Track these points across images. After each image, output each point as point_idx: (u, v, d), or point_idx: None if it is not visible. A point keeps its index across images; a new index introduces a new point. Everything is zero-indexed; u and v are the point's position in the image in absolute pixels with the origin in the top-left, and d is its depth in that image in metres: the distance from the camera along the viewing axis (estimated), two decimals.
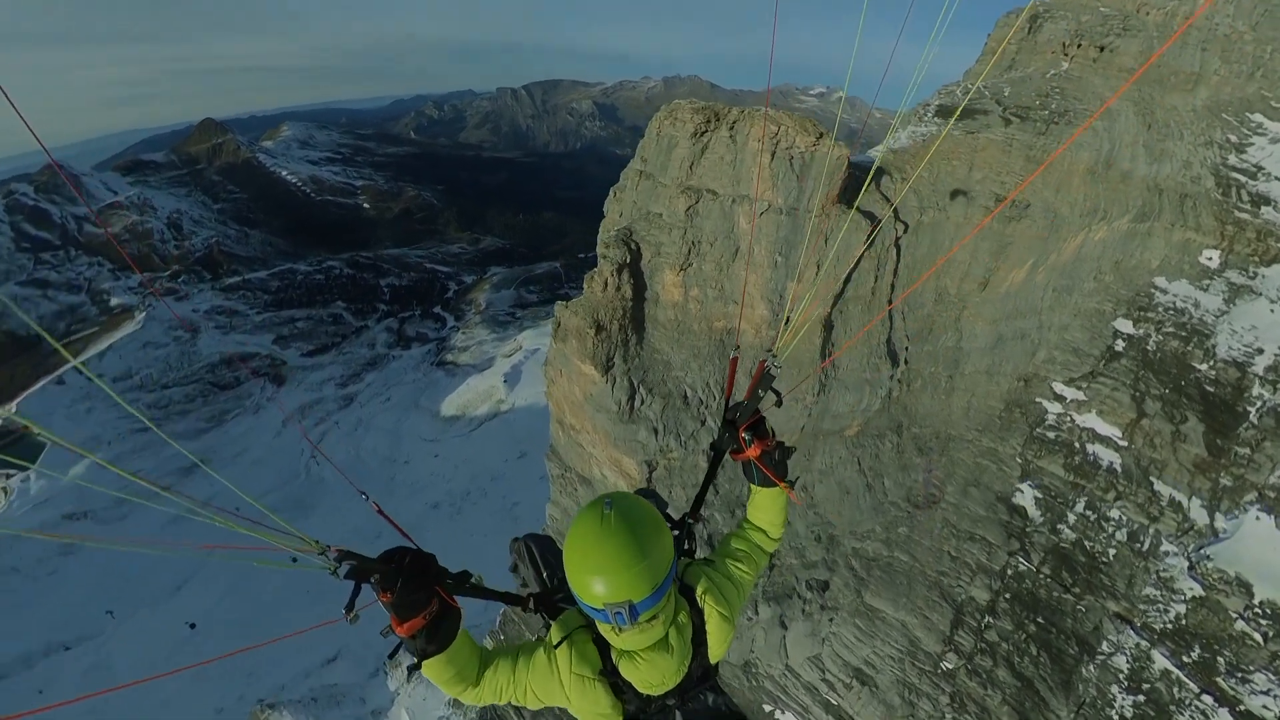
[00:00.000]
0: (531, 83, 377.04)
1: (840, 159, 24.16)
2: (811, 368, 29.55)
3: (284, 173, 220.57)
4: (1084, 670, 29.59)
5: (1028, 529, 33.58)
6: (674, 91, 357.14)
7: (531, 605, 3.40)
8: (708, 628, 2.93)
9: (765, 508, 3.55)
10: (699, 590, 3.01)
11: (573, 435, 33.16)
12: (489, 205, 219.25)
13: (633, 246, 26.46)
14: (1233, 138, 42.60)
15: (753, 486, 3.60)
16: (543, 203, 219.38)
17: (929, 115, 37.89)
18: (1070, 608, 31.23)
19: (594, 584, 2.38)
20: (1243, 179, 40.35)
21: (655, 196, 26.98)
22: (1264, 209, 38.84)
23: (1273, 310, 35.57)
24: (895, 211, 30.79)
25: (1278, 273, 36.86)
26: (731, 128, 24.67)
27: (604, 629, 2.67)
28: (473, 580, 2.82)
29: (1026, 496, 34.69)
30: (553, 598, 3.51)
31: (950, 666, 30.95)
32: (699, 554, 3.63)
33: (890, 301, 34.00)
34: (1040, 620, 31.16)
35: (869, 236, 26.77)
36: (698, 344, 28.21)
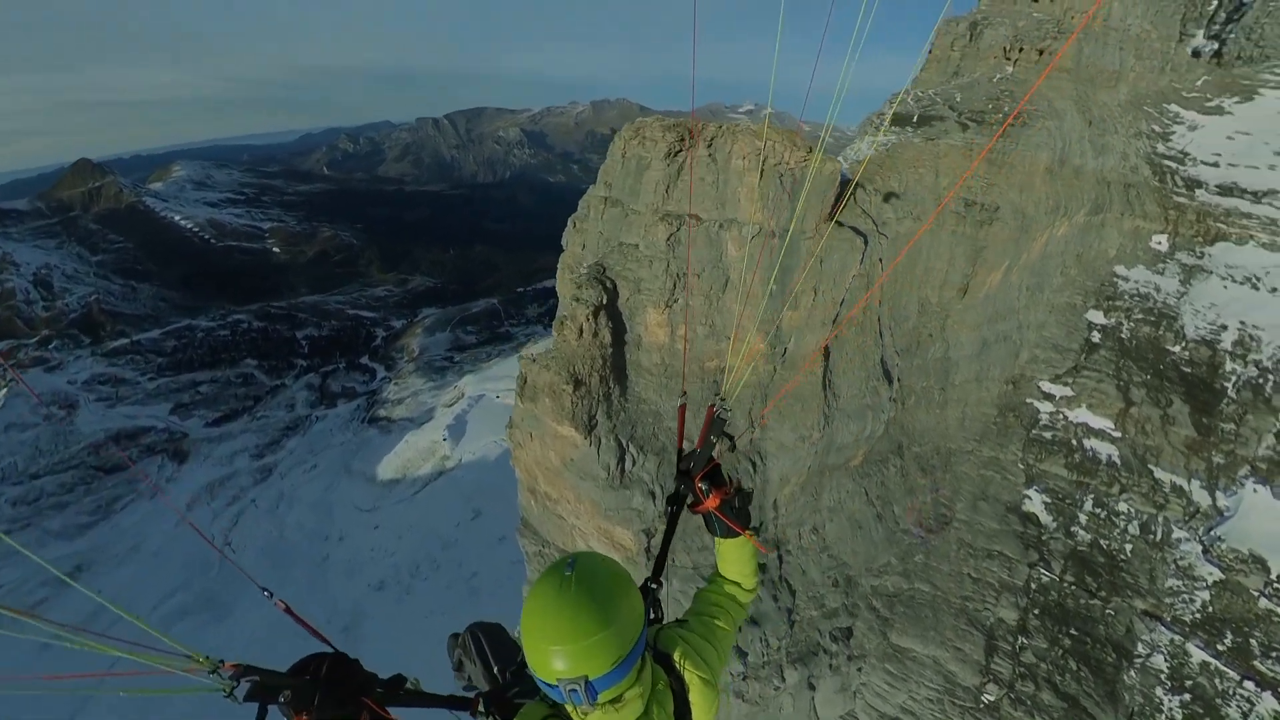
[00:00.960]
0: (454, 111, 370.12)
1: (833, 173, 22.35)
2: (815, 402, 27.47)
3: (177, 217, 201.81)
4: (1126, 677, 28.82)
5: (1043, 536, 32.95)
6: (603, 115, 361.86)
7: (480, 708, 3.05)
8: (690, 696, 2.81)
9: (733, 559, 3.45)
10: (676, 655, 2.91)
11: (549, 506, 29.26)
12: (415, 242, 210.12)
13: (608, 285, 23.43)
14: (1156, 128, 45.70)
15: (717, 540, 3.50)
16: (473, 236, 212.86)
17: (885, 124, 37.79)
18: (1100, 613, 30.62)
19: (548, 656, 2.24)
20: (1173, 165, 43.05)
21: (627, 225, 24.19)
22: (1198, 192, 41.44)
23: (1226, 287, 37.49)
24: (876, 225, 29.80)
25: (1222, 250, 39.07)
26: (710, 145, 22.37)
27: (570, 712, 2.47)
28: (408, 685, 2.73)
29: (1035, 502, 34.18)
30: (505, 694, 3.24)
31: (992, 699, 29.36)
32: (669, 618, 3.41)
33: (879, 318, 32.97)
34: (1073, 632, 30.32)
35: (864, 253, 25.16)
36: (690, 388, 25.39)
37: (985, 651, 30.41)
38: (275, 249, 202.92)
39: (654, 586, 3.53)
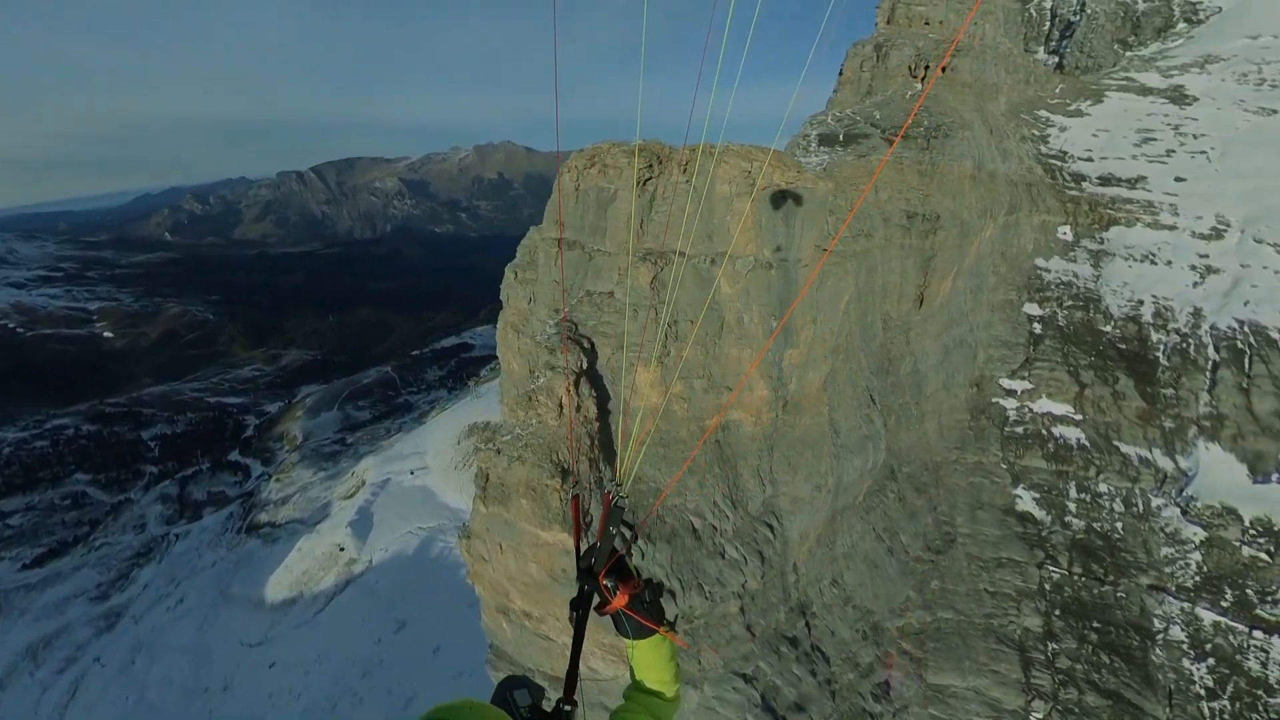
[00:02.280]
0: (322, 164, 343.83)
1: (825, 194, 20.58)
2: (824, 445, 25.28)
3: None
4: (1154, 657, 29.11)
5: (1043, 533, 33.25)
6: (488, 159, 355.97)
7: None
8: None
9: (650, 663, 3.29)
10: None
11: (530, 626, 24.08)
12: (286, 311, 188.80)
13: (586, 344, 19.65)
14: (1035, 131, 51.07)
15: (629, 644, 3.32)
16: (356, 298, 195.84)
17: (813, 145, 38.10)
18: (1112, 598, 31.06)
19: None
20: (1058, 164, 47.97)
21: (594, 270, 20.71)
22: (1084, 184, 46.26)
23: (1130, 266, 41.49)
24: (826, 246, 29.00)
25: (1117, 234, 43.46)
26: (684, 170, 19.72)
27: None
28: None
29: (1026, 500, 34.61)
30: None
31: (1040, 716, 28.47)
32: None
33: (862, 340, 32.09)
34: (1096, 624, 30.43)
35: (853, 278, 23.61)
36: (689, 452, 22.02)
37: (1022, 667, 29.62)
38: (107, 333, 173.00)
39: (568, 709, 3.15)
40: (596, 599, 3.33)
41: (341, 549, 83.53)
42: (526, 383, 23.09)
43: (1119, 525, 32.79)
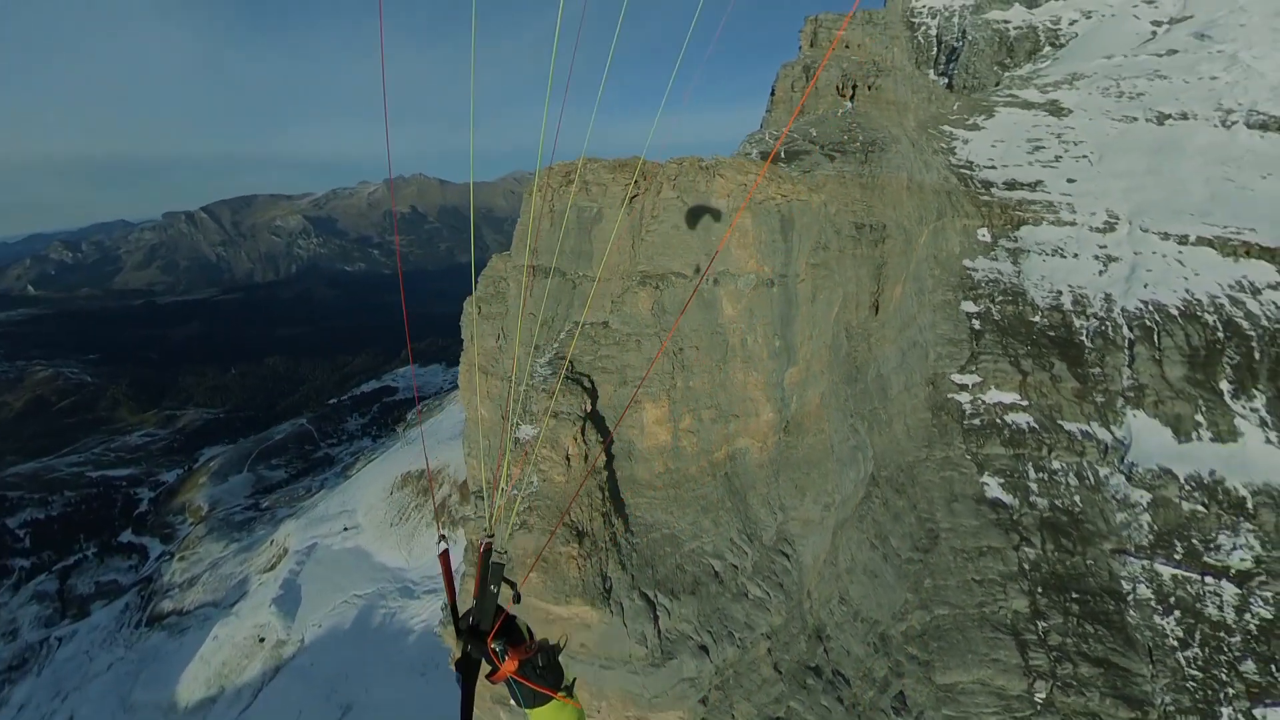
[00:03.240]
0: (215, 202, 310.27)
1: (820, 206, 19.63)
2: (827, 462, 24.10)
3: None
4: (1129, 618, 30.36)
5: (1014, 516, 34.13)
6: (399, 193, 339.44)
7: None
8: None
9: None
10: None
11: None
12: (180, 367, 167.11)
13: (587, 384, 17.19)
14: (943, 144, 54.64)
15: (528, 712, 3.07)
16: (262, 347, 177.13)
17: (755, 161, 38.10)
18: (1084, 567, 32.27)
19: None
20: (967, 172, 51.38)
21: (585, 299, 18.39)
22: (993, 190, 49.72)
23: (1045, 260, 44.68)
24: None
25: (1027, 232, 46.80)
26: (674, 184, 18.02)
27: None
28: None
29: (994, 487, 35.53)
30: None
31: (1044, 695, 28.70)
32: None
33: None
34: (1075, 595, 31.41)
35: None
36: (703, 491, 19.96)
37: (1019, 650, 29.89)
38: None
39: None
40: (485, 666, 3.08)
41: (272, 623, 73.25)
42: (498, 432, 20.22)
43: (1077, 499, 34.32)
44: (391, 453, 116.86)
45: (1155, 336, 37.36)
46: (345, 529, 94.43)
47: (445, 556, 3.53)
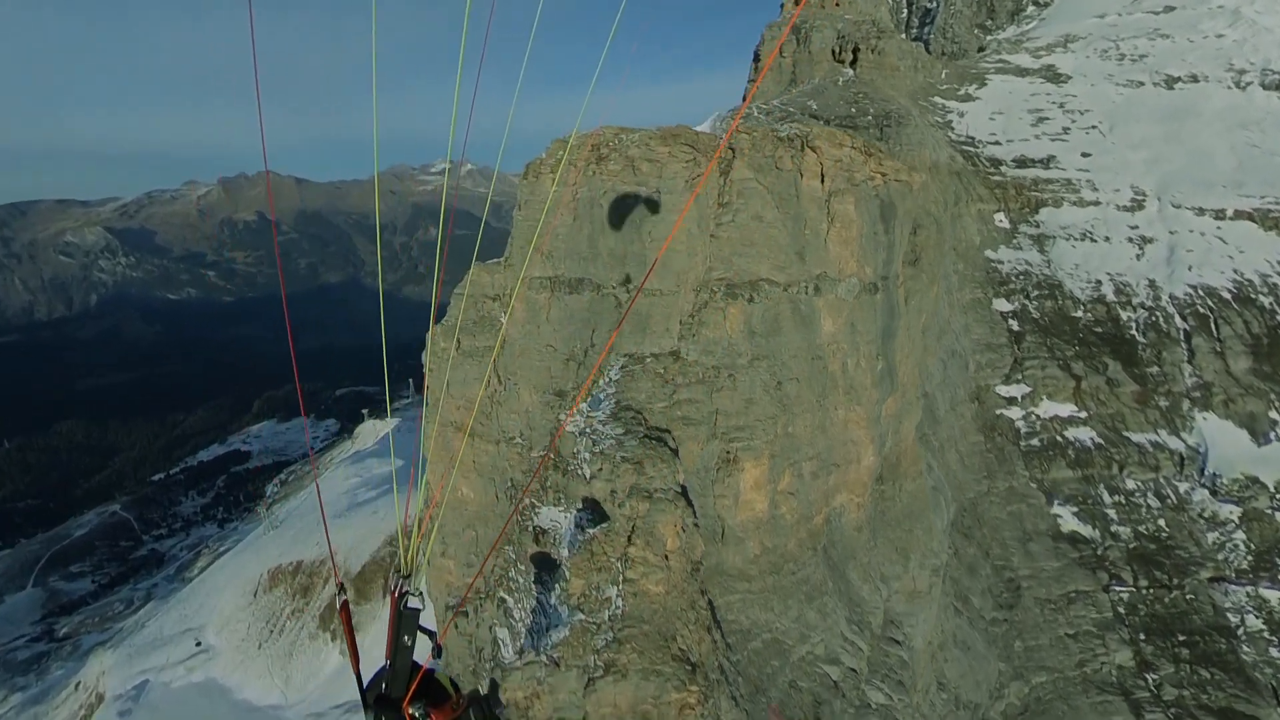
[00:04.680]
0: None
1: (921, 189, 18.68)
2: (927, 512, 22.73)
3: None
4: (1243, 655, 31.48)
5: (1097, 551, 34.68)
6: (242, 196, 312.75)
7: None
8: None
9: None
10: None
11: None
12: None
13: (671, 444, 14.70)
14: (937, 118, 57.39)
15: None
16: (52, 407, 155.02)
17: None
18: (1184, 603, 33.26)
19: None
20: (971, 150, 53.97)
21: (639, 321, 16.03)
22: (1003, 168, 52.49)
23: (1074, 246, 47.30)
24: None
25: (1048, 215, 49.52)
26: (749, 161, 16.28)
27: None
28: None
29: (1068, 518, 36.07)
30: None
31: None
32: None
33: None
34: (1181, 636, 32.19)
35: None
36: (805, 572, 17.88)
37: (1134, 712, 30.08)
38: None
39: None
40: None
41: None
42: (490, 520, 17.29)
43: (1161, 522, 35.53)
44: (252, 541, 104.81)
45: (1212, 325, 40.03)
46: (191, 654, 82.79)
47: (346, 610, 3.56)
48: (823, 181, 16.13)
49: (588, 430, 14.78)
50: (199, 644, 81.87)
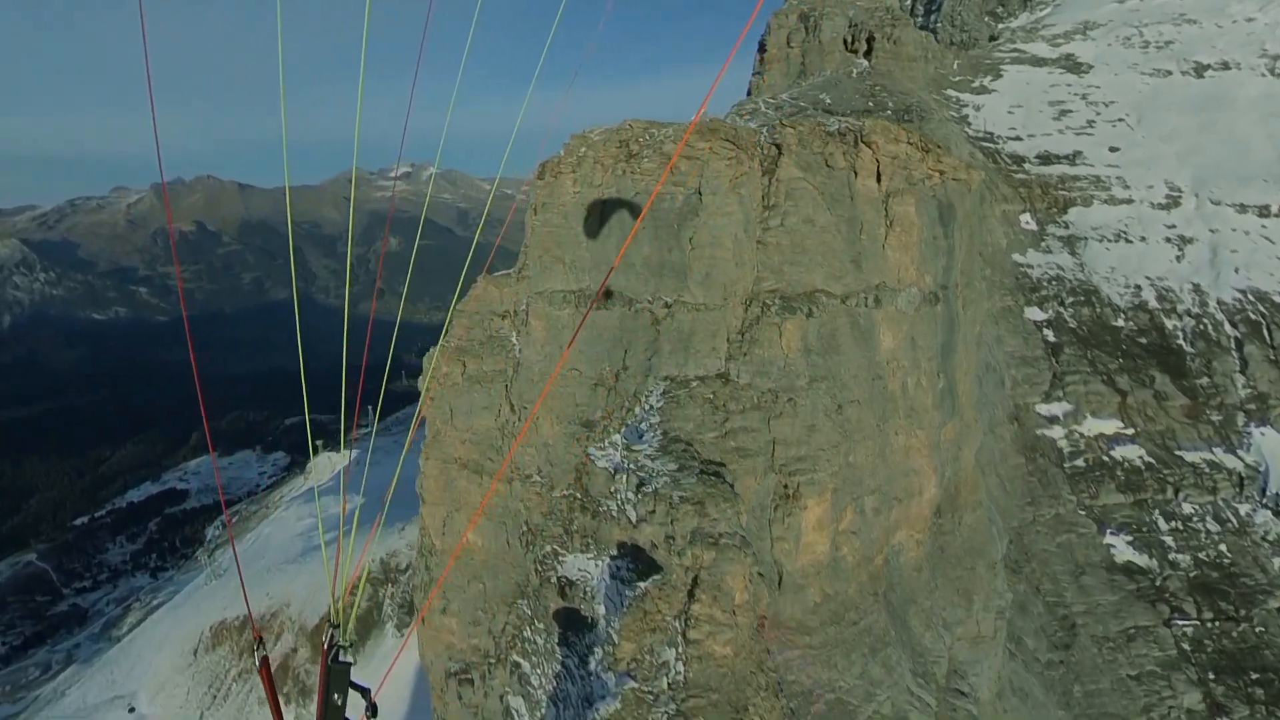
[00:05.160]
0: None
1: (980, 187, 18.63)
2: (987, 546, 22.33)
3: None
4: None
5: (1155, 582, 34.60)
6: (181, 203, 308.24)
7: None
8: None
9: None
10: None
11: None
12: None
13: (729, 482, 14.16)
14: (952, 113, 58.35)
15: None
16: None
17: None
18: (1253, 636, 33.22)
19: None
20: (990, 145, 54.80)
21: (680, 338, 15.54)
22: (1026, 165, 53.39)
23: (1107, 248, 47.97)
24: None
25: (1077, 215, 50.23)
26: (797, 158, 16.00)
27: None
28: None
29: (1122, 548, 36.01)
30: None
31: None
32: None
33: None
34: (1254, 674, 32.07)
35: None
36: (867, 621, 17.35)
37: None
38: None
39: None
40: None
41: None
42: (501, 572, 16.63)
43: (1223, 548, 35.61)
44: (191, 593, 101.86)
45: (1266, 332, 40.63)
46: None
47: (266, 666, 3.60)
48: (879, 181, 15.90)
49: (628, 466, 14.17)
50: (131, 711, 78.67)
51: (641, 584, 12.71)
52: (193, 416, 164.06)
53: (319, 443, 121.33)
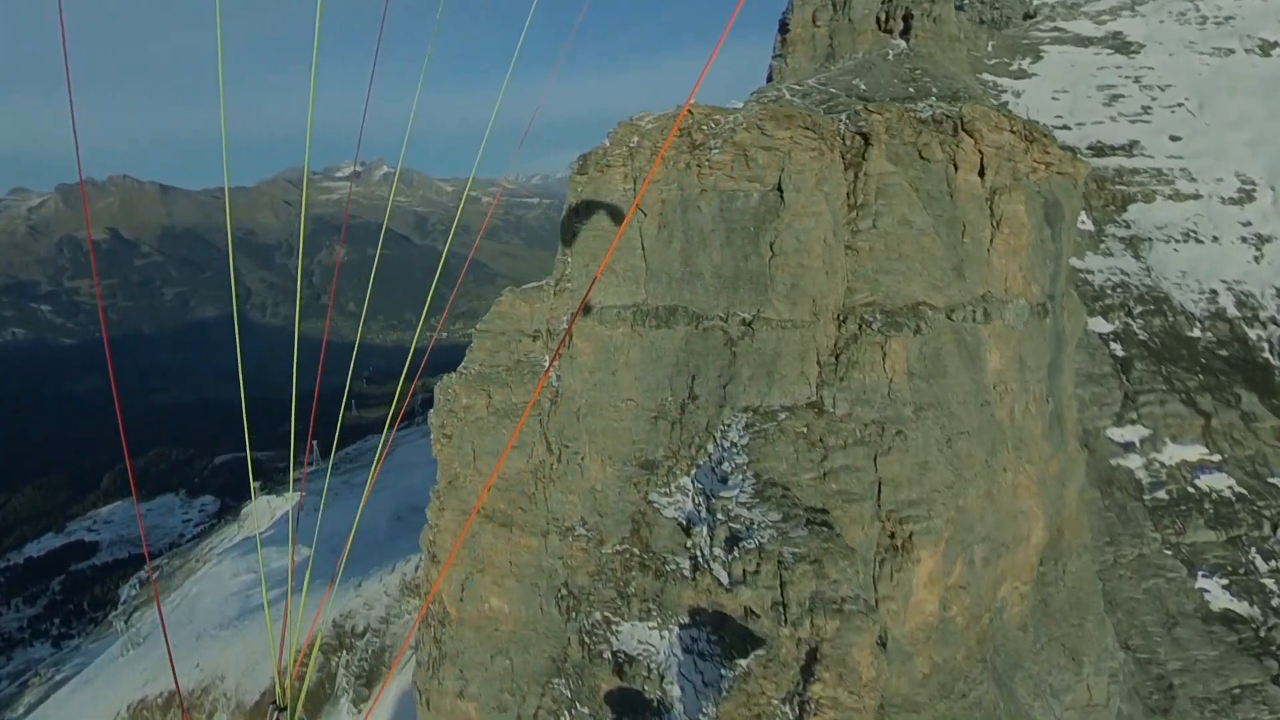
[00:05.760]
0: None
1: (1084, 182, 18.67)
2: (1097, 598, 21.92)
3: None
4: None
5: (1260, 632, 34.42)
6: (94, 206, 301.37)
7: None
8: None
9: None
10: None
11: None
12: None
13: (833, 533, 13.63)
14: (990, 99, 59.26)
15: None
16: None
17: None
18: None
19: None
20: None
21: (762, 361, 15.05)
22: (1077, 158, 54.15)
23: (1176, 250, 48.51)
24: None
25: (1139, 212, 50.86)
26: (886, 149, 15.74)
27: None
28: None
29: (1218, 593, 35.85)
30: None
31: None
32: None
33: None
34: None
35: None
36: (977, 692, 16.85)
37: None
38: None
39: None
40: None
41: None
42: (531, 646, 16.03)
43: None
44: (105, 665, 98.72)
45: None
46: None
47: None
48: (982, 175, 15.58)
49: (713, 515, 13.58)
50: None
51: (742, 661, 12.06)
52: (103, 455, 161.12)
53: (258, 483, 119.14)
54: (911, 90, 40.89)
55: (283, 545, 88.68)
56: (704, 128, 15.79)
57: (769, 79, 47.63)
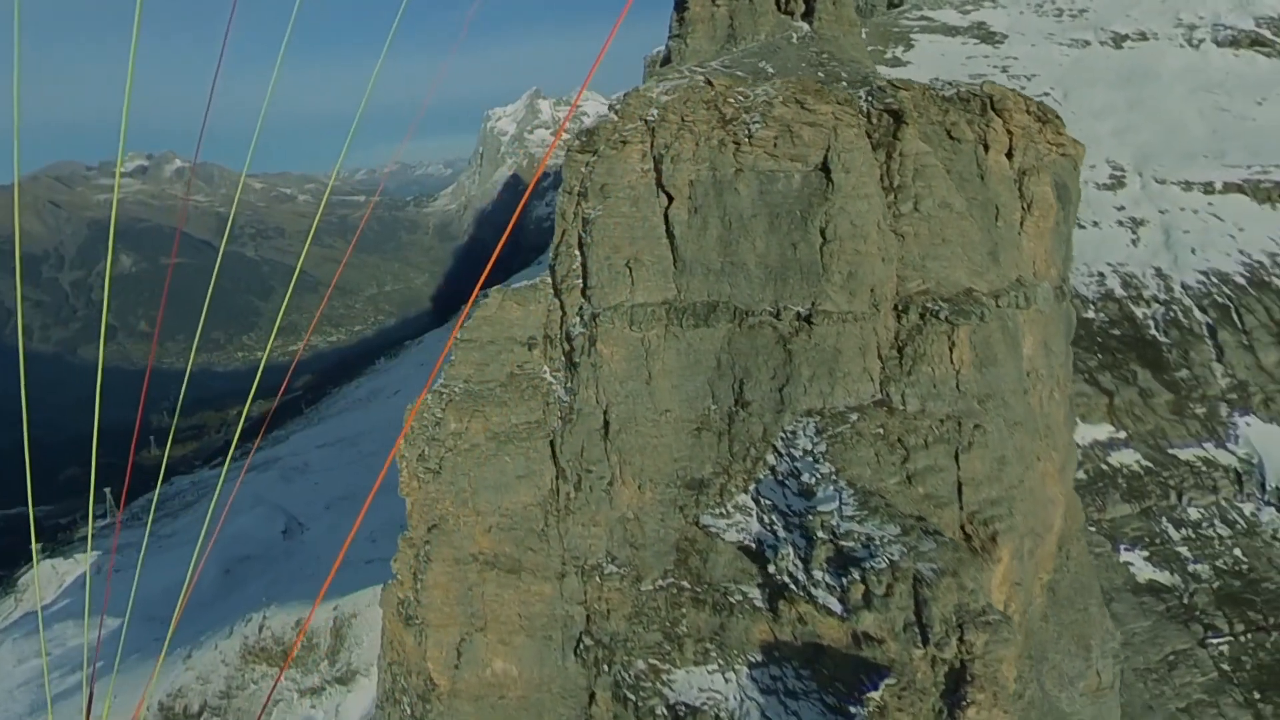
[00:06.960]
0: None
1: (1081, 162, 20.24)
2: (1096, 588, 23.35)
3: None
4: None
5: (1183, 599, 38.54)
6: None
7: None
8: None
9: None
10: None
11: None
12: None
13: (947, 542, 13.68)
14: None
15: None
16: None
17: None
18: None
19: None
20: None
21: (822, 360, 15.06)
22: None
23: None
24: None
25: None
26: (920, 130, 16.39)
27: None
28: None
29: (1141, 564, 39.85)
30: None
31: None
32: None
33: None
34: None
35: None
36: (1028, 691, 17.62)
37: None
38: None
39: None
40: None
41: None
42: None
43: (1238, 552, 40.49)
44: None
45: (1235, 316, 47.19)
46: None
47: None
48: (1011, 157, 16.42)
49: (802, 534, 13.32)
50: None
51: (873, 693, 11.84)
52: None
53: (39, 545, 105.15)
54: (820, 74, 42.55)
55: (78, 618, 78.73)
56: (731, 100, 15.59)
57: (666, 60, 48.08)
